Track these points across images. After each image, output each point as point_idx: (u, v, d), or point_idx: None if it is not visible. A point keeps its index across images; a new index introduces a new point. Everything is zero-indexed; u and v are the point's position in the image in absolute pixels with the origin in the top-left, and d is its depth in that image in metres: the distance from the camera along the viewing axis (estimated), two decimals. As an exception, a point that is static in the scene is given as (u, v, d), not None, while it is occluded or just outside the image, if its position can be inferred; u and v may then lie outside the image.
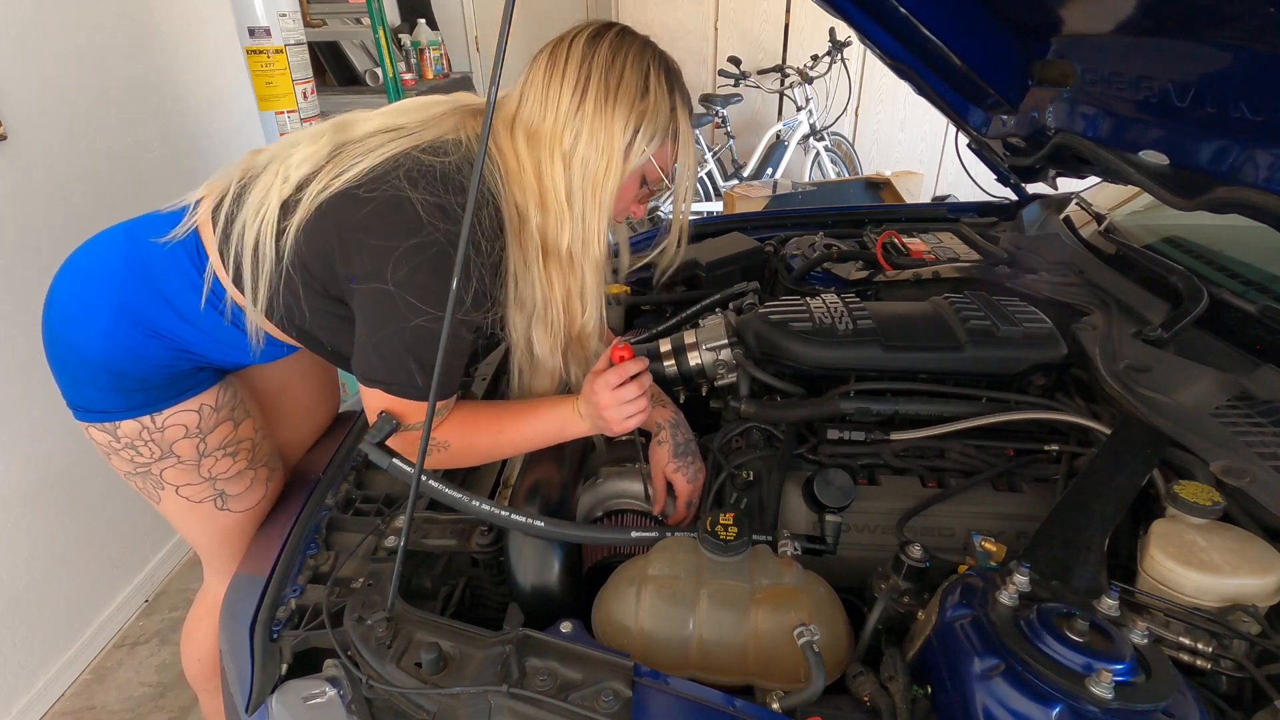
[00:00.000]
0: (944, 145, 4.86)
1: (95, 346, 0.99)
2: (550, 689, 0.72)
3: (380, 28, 2.82)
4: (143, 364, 1.00)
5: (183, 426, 1.05)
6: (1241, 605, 0.74)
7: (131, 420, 1.02)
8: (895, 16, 1.38)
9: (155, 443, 1.04)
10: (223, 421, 1.09)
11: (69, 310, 1.01)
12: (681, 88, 0.97)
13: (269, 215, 0.92)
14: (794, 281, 1.59)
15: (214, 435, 1.09)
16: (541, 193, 0.93)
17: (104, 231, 1.05)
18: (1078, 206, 1.66)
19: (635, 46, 0.93)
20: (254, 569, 1.01)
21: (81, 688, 1.90)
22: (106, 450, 1.06)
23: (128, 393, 1.01)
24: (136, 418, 1.02)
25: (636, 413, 0.97)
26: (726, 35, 4.75)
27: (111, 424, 1.03)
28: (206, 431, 1.08)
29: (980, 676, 0.66)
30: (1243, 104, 0.94)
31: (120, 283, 0.99)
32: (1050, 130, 1.39)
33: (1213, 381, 1.00)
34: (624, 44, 0.93)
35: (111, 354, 0.99)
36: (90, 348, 0.99)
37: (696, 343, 1.20)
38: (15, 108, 1.67)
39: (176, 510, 1.13)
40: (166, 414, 1.03)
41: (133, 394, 1.01)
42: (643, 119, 0.92)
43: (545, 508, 0.98)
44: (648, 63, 0.93)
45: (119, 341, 0.99)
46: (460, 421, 0.98)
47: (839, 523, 0.96)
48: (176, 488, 1.10)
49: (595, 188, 0.93)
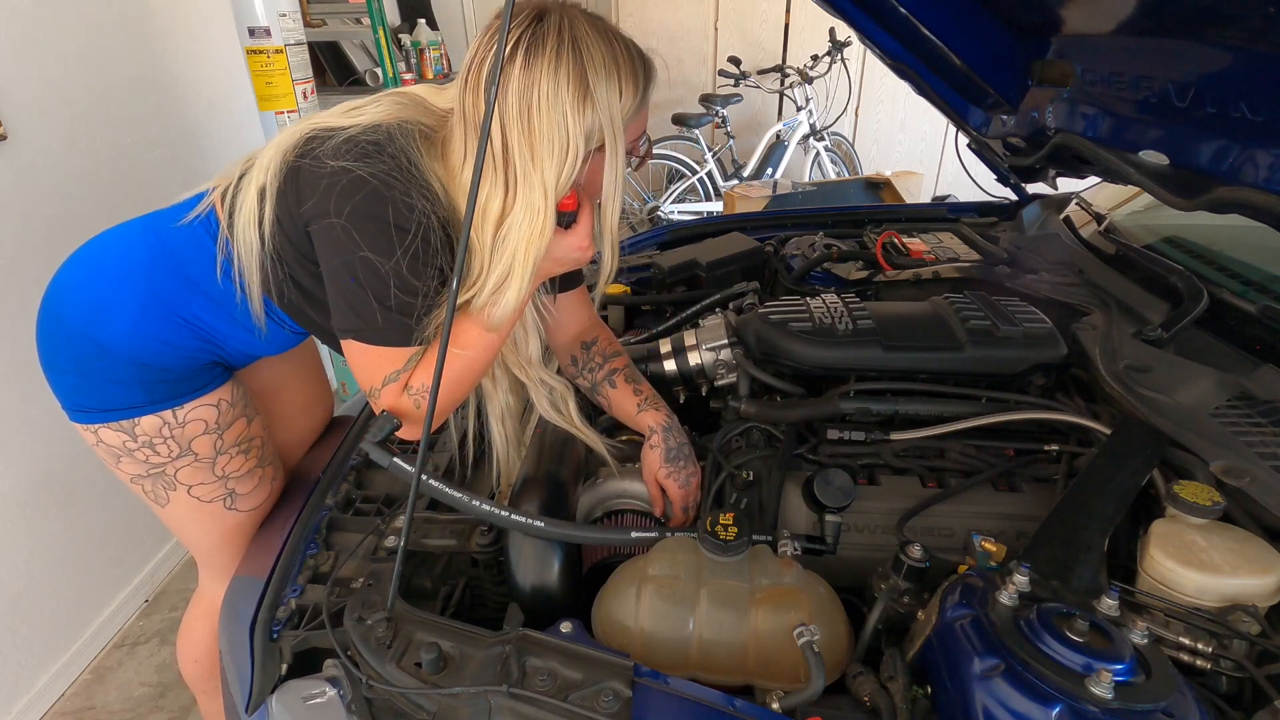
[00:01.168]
0: (944, 145, 4.86)
1: (124, 338, 0.99)
2: (550, 689, 0.72)
3: (380, 28, 2.83)
4: (169, 353, 1.01)
5: (203, 421, 1.06)
6: (1241, 605, 0.74)
7: (153, 415, 1.02)
8: (895, 16, 1.38)
9: (175, 439, 1.05)
10: (238, 417, 1.11)
11: (92, 305, 1.01)
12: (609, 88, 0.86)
13: (250, 204, 0.94)
14: (794, 281, 1.59)
15: (230, 431, 1.10)
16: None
17: (117, 226, 1.06)
18: (1078, 206, 1.66)
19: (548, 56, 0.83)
20: (254, 570, 1.01)
21: (81, 688, 1.90)
22: (119, 452, 1.05)
23: (151, 385, 1.01)
24: (158, 412, 1.03)
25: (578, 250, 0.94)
26: (726, 35, 4.75)
27: (130, 421, 1.02)
28: (224, 427, 1.08)
29: (980, 676, 0.66)
30: (1243, 104, 0.94)
31: (148, 269, 1.01)
32: (1050, 130, 1.39)
33: (1213, 381, 1.00)
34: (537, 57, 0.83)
35: (141, 344, 1.00)
36: (119, 340, 0.99)
37: (696, 343, 1.20)
38: (15, 108, 1.67)
39: (183, 512, 1.13)
40: (188, 408, 1.04)
41: (156, 386, 1.02)
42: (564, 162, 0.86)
43: (545, 508, 0.98)
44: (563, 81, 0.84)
45: (149, 331, 1.00)
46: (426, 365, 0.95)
47: (839, 523, 0.96)
48: (189, 487, 1.10)
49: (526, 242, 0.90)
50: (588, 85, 0.84)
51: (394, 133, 0.90)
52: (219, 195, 1.02)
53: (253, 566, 1.04)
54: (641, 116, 0.94)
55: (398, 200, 0.86)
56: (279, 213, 0.94)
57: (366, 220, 0.86)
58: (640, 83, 0.89)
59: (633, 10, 4.67)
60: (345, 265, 0.88)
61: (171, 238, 1.01)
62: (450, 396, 0.97)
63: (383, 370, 0.93)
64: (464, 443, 1.18)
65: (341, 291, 0.90)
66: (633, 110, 0.90)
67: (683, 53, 4.84)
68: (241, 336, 1.06)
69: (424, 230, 0.88)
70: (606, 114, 0.86)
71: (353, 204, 0.86)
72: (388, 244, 0.87)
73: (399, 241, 0.87)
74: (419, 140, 0.91)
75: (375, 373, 0.93)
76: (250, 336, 1.07)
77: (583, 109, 0.85)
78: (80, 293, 1.02)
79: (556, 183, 0.86)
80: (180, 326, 1.02)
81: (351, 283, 0.89)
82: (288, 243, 0.96)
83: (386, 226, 0.86)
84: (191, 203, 1.03)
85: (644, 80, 0.90)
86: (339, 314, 0.92)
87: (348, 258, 0.88)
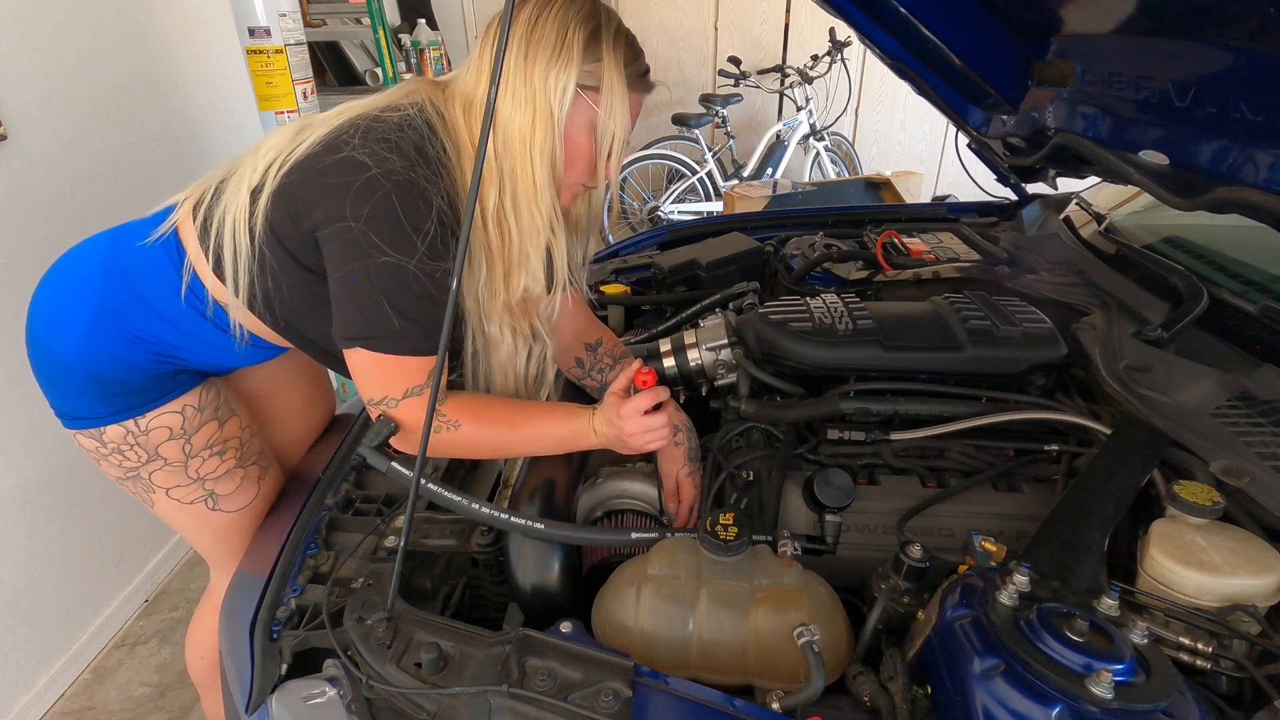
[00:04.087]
0: (944, 145, 4.86)
1: (76, 352, 1.00)
2: (550, 689, 0.72)
3: (380, 28, 2.83)
4: (123, 368, 1.01)
5: (166, 429, 1.06)
6: (1241, 605, 0.74)
7: (116, 425, 1.03)
8: (895, 16, 1.38)
9: (141, 446, 1.05)
10: (207, 421, 1.10)
11: (49, 318, 1.02)
12: (614, 42, 0.93)
13: (241, 203, 0.94)
14: (794, 281, 1.59)
15: (199, 435, 1.09)
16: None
17: (88, 239, 1.06)
18: (1078, 206, 1.66)
19: (560, 4, 0.91)
20: (254, 568, 1.01)
21: (81, 688, 1.90)
22: (95, 456, 1.07)
23: (110, 398, 1.02)
24: (120, 422, 1.03)
25: (659, 439, 0.98)
26: (726, 35, 4.75)
27: (97, 430, 1.04)
28: (191, 432, 1.08)
29: (980, 676, 0.66)
30: (1243, 104, 0.94)
31: (99, 287, 1.00)
32: (1050, 130, 1.39)
33: (1213, 381, 1.00)
34: (550, 3, 0.91)
35: (92, 359, 1.00)
36: (72, 354, 1.00)
37: (696, 343, 1.20)
38: (15, 108, 1.67)
39: (170, 512, 1.14)
40: (149, 417, 1.04)
41: (115, 399, 1.02)
42: (563, 71, 0.90)
43: (546, 508, 0.98)
44: (571, 17, 0.90)
45: (99, 346, 1.00)
46: (474, 406, 0.97)
47: (839, 523, 0.96)
48: (166, 490, 1.10)
49: (523, 143, 0.91)
50: (601, 24, 0.91)
51: (405, 121, 0.90)
52: (189, 208, 1.01)
53: (254, 563, 1.04)
54: (635, 101, 0.96)
55: (415, 199, 0.86)
56: (275, 215, 0.92)
57: (384, 223, 0.85)
58: (624, 74, 0.93)
59: (633, 10, 4.68)
60: (363, 271, 0.87)
61: (130, 256, 1.01)
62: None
63: (398, 382, 0.91)
64: None
65: (352, 295, 0.89)
66: (621, 79, 0.92)
67: (683, 53, 4.84)
68: (205, 352, 1.05)
69: (442, 231, 0.88)
70: (613, 52, 0.91)
71: (370, 206, 0.85)
72: (408, 247, 0.86)
73: (421, 244, 0.86)
74: (432, 116, 0.92)
75: (389, 384, 0.92)
76: (215, 351, 1.06)
77: (586, 35, 0.90)
78: (41, 307, 1.03)
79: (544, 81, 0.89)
80: (132, 342, 1.01)
81: (367, 288, 0.87)
82: (281, 249, 0.94)
83: (404, 229, 0.85)
84: (159, 219, 1.02)
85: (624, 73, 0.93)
86: (347, 321, 0.90)
87: (365, 263, 0.86)
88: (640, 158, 4.52)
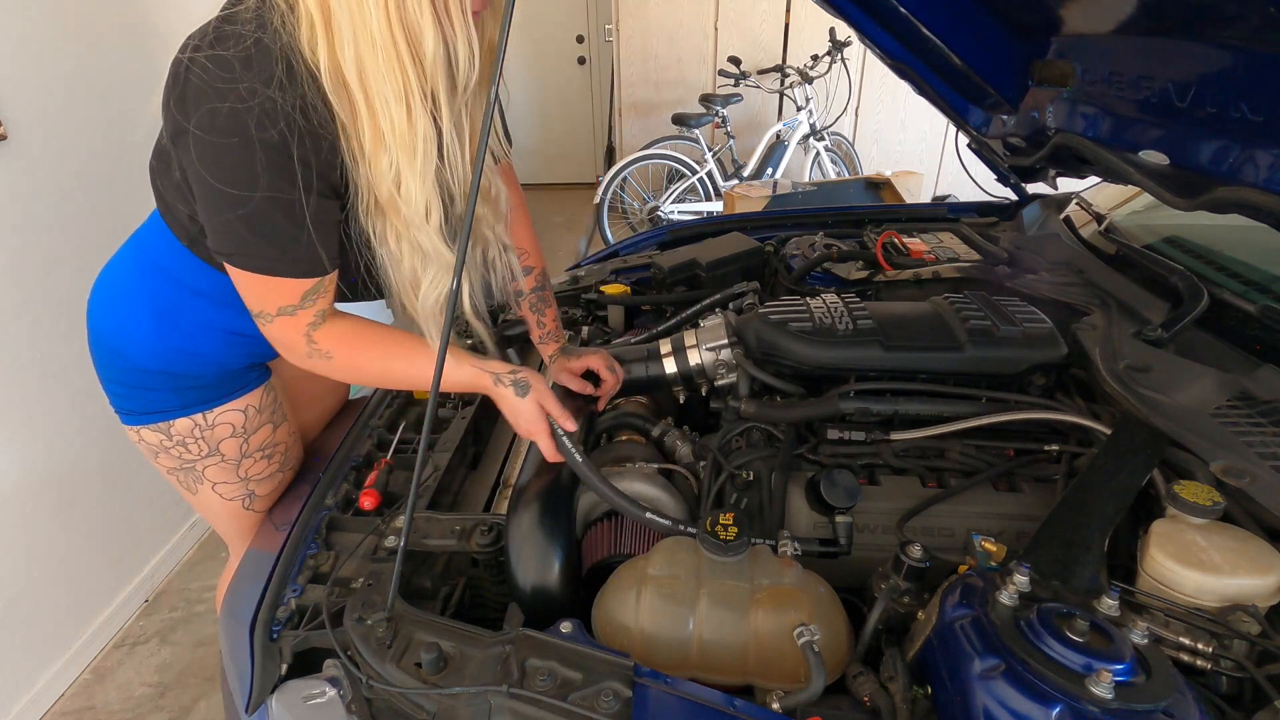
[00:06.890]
0: (944, 145, 4.86)
1: (149, 351, 1.05)
2: (550, 689, 0.72)
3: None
4: (195, 362, 1.07)
5: (230, 425, 1.13)
6: (1241, 605, 0.74)
7: (185, 418, 1.09)
8: (895, 16, 1.38)
9: (205, 440, 1.12)
10: (264, 424, 1.17)
11: (114, 328, 1.07)
12: None
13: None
14: (794, 281, 1.59)
15: (255, 436, 1.16)
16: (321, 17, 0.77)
17: (111, 258, 1.10)
18: (1078, 206, 1.66)
19: None
20: (265, 544, 1.07)
21: (81, 688, 1.90)
22: (156, 449, 1.13)
23: (182, 391, 1.08)
24: (190, 415, 1.09)
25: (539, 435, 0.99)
26: (726, 35, 4.75)
27: (165, 423, 1.09)
28: (250, 432, 1.15)
29: (980, 676, 0.66)
30: (1243, 104, 0.94)
31: (148, 287, 1.04)
32: (1050, 130, 1.39)
33: (1213, 381, 1.00)
34: None
35: (165, 355, 1.06)
36: (144, 355, 1.06)
37: (696, 343, 1.20)
38: (15, 108, 1.67)
39: (208, 504, 1.20)
40: (217, 412, 1.11)
41: (186, 392, 1.08)
42: None
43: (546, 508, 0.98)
44: None
45: (168, 343, 1.05)
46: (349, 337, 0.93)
47: (849, 522, 0.96)
48: (214, 484, 1.16)
49: None
50: None
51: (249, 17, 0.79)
52: None
53: (264, 541, 1.11)
54: None
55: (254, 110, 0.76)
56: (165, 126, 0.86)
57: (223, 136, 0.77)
58: None
59: (633, 10, 4.67)
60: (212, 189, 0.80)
61: (158, 251, 1.03)
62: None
63: (271, 299, 0.87)
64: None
65: (208, 212, 0.84)
66: None
67: (683, 53, 4.84)
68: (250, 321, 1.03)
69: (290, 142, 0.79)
70: None
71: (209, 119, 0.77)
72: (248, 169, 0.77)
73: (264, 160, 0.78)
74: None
75: (262, 300, 0.88)
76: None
77: None
78: (103, 318, 1.08)
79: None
80: (197, 331, 1.05)
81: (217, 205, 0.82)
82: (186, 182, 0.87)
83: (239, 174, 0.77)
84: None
85: None
86: (213, 236, 0.86)
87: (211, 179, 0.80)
88: (640, 157, 4.52)
